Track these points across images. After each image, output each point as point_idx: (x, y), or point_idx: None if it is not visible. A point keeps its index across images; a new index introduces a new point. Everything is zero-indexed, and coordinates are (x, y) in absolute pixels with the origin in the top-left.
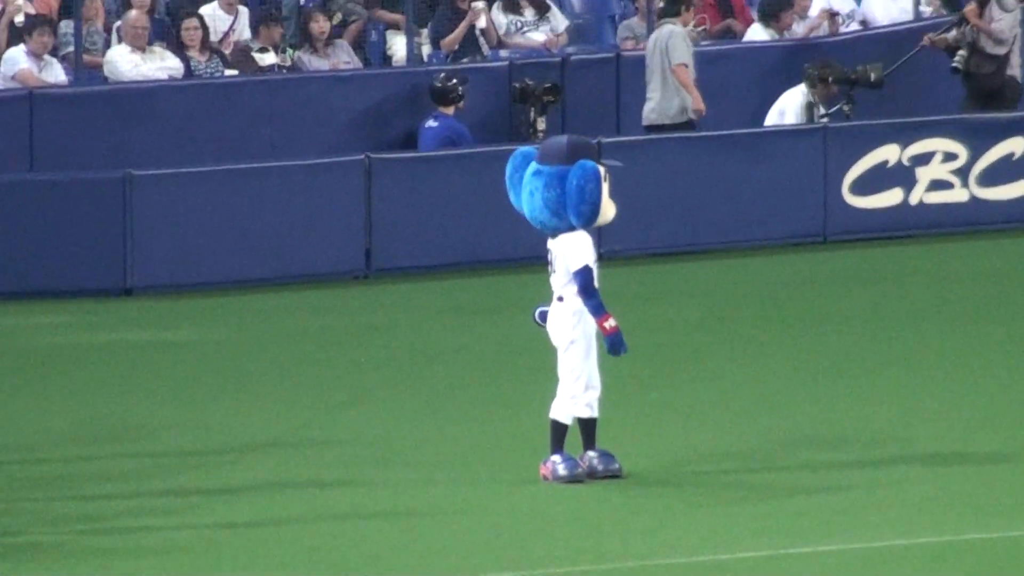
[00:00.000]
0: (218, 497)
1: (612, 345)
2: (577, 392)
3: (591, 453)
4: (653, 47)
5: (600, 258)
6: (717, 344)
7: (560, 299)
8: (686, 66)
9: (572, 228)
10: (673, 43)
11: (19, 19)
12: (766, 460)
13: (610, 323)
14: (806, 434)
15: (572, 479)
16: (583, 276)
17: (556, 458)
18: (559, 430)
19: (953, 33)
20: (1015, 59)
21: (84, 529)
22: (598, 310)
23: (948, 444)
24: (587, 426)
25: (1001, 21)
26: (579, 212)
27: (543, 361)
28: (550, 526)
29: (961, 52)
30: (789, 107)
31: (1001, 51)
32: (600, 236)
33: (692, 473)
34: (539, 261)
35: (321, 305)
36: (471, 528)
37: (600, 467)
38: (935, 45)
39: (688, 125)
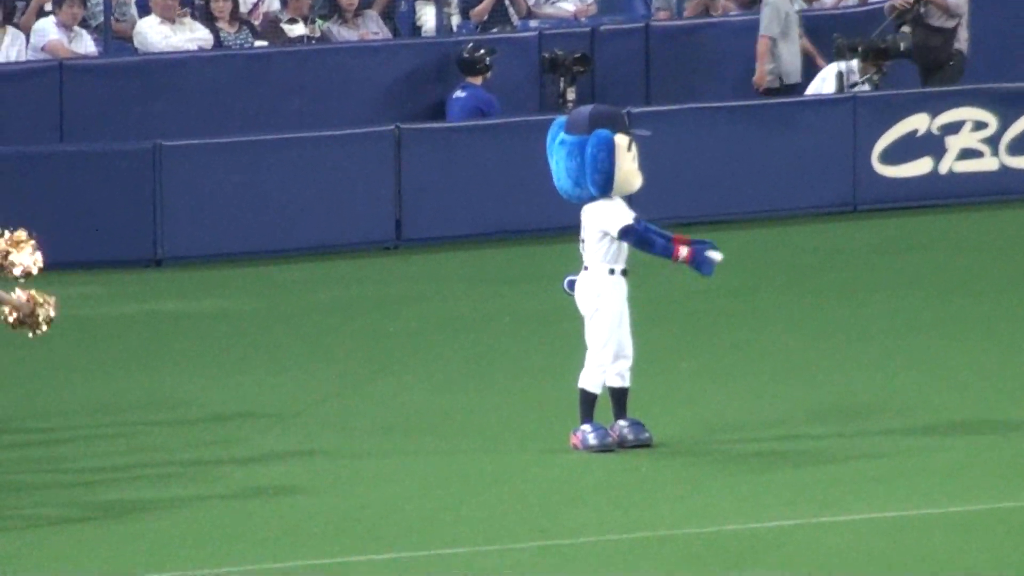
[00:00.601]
0: (248, 466)
1: (698, 269)
2: (605, 361)
3: (621, 423)
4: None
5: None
6: (747, 313)
7: (586, 268)
8: (769, 38)
9: (593, 197)
10: (764, 12)
11: None
12: (796, 429)
13: (682, 254)
14: (836, 403)
15: (602, 448)
16: (630, 236)
17: (586, 427)
18: (588, 399)
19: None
20: (963, 33)
21: (115, 498)
22: (666, 251)
23: (979, 413)
24: (618, 396)
25: None
26: (593, 181)
27: (572, 330)
28: (579, 495)
29: (904, 28)
30: (829, 76)
31: (950, 24)
32: (630, 205)
33: (722, 442)
34: (567, 231)
35: (351, 275)
36: (501, 497)
37: (630, 436)
38: (892, 11)
39: (790, 89)
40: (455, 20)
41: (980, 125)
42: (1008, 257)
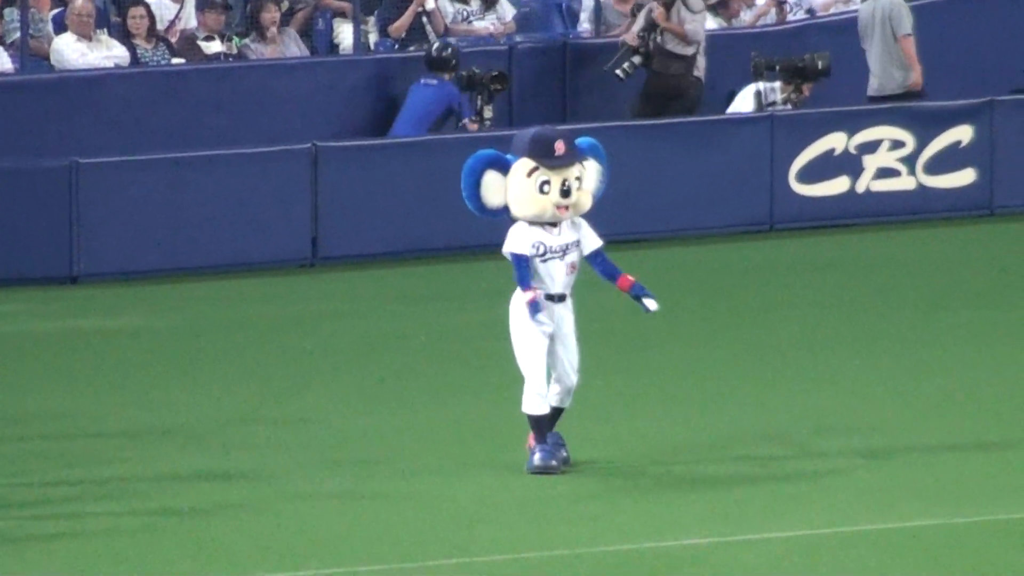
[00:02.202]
0: (164, 484)
1: (530, 312)
2: (531, 386)
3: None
4: (871, 17)
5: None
6: (664, 332)
7: None
8: (910, 36)
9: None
10: (897, 13)
11: None
12: (712, 448)
13: (526, 296)
14: (753, 422)
15: (539, 471)
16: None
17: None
18: (530, 422)
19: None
20: (700, 61)
21: (28, 515)
22: (521, 285)
23: (894, 431)
24: (530, 422)
25: (694, 22)
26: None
27: (488, 349)
28: (496, 512)
29: (633, 59)
30: (748, 95)
31: (689, 51)
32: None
33: (638, 461)
34: (483, 249)
35: (267, 293)
36: (417, 515)
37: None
38: (625, 47)
39: (914, 95)
40: (373, 38)
41: (897, 144)
42: (924, 276)
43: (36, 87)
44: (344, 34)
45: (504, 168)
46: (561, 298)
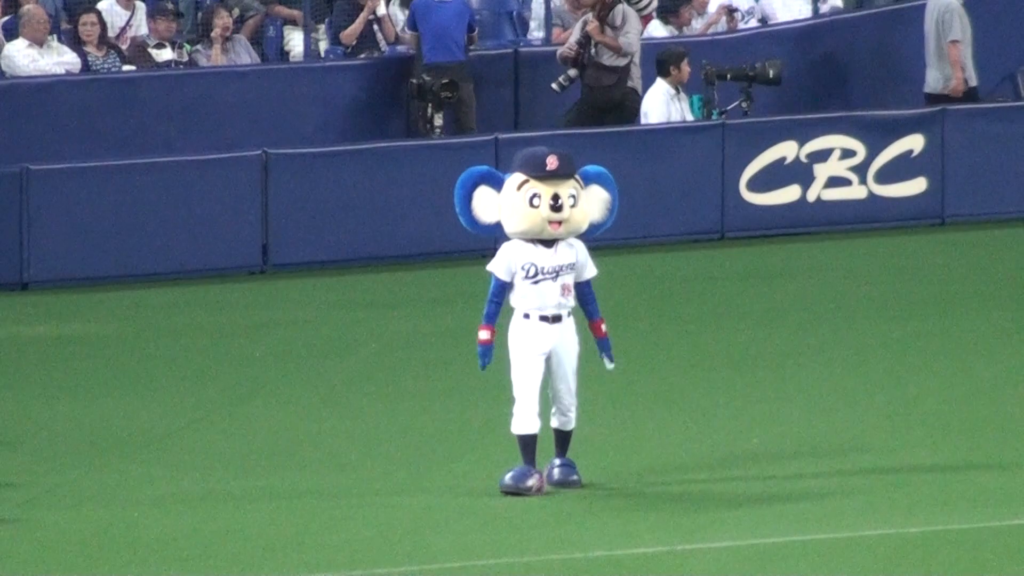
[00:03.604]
0: (112, 491)
1: (480, 356)
2: (519, 406)
3: (555, 461)
4: (930, 18)
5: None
6: (615, 339)
7: None
8: (957, 43)
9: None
10: (948, 18)
11: None
12: (661, 456)
13: (481, 335)
14: (701, 430)
15: (510, 490)
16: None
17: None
18: (517, 442)
19: (573, 45)
20: (635, 71)
21: None
22: (484, 319)
23: (845, 440)
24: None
25: (627, 35)
26: None
27: (438, 356)
28: (445, 520)
29: (569, 72)
30: (651, 108)
31: (621, 63)
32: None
33: (586, 470)
34: (434, 257)
35: (218, 300)
36: (366, 522)
37: (557, 477)
38: (563, 59)
39: (968, 97)
40: (323, 45)
41: (848, 153)
42: (876, 285)
43: None
44: (295, 41)
45: (497, 184)
46: (556, 319)
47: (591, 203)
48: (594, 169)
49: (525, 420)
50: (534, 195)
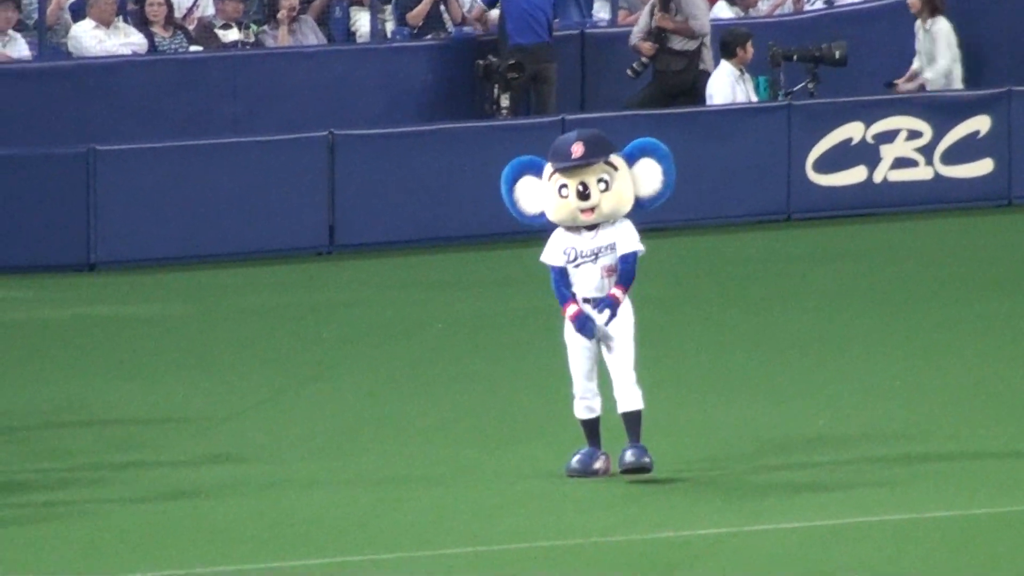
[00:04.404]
0: (178, 471)
1: (580, 330)
2: (575, 391)
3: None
4: None
5: None
6: (680, 322)
7: None
8: None
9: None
10: None
11: None
12: (728, 438)
13: (568, 312)
14: (768, 413)
15: (577, 473)
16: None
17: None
18: (582, 427)
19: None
20: (706, 54)
21: (43, 500)
22: (561, 300)
23: (911, 423)
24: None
25: (699, 18)
26: None
27: (505, 337)
28: (512, 501)
29: (641, 58)
30: (716, 90)
31: (691, 46)
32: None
33: (654, 451)
34: (500, 238)
35: (284, 281)
36: (433, 503)
37: (630, 459)
38: (636, 51)
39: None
40: (390, 26)
41: (915, 134)
42: (942, 267)
43: (54, 74)
44: (361, 22)
45: (539, 172)
46: (600, 301)
47: (639, 179)
48: (641, 142)
49: (583, 405)
50: (562, 186)
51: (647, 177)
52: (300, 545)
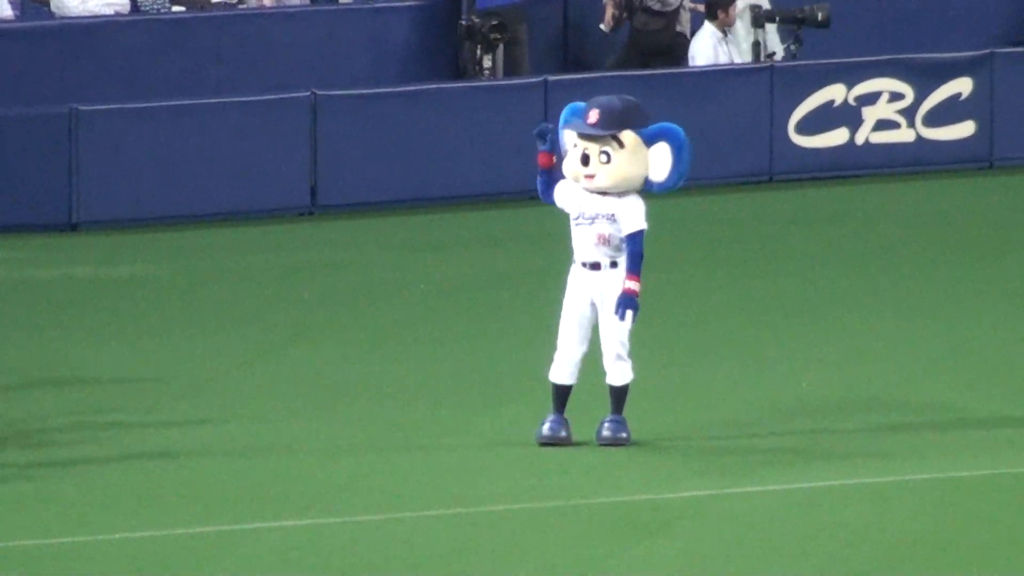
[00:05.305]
0: (161, 432)
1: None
2: (558, 353)
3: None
4: None
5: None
6: (662, 283)
7: None
8: None
9: None
10: None
11: None
12: (709, 401)
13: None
14: (750, 375)
15: (545, 441)
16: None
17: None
18: (552, 390)
19: None
20: (684, 16)
21: (24, 462)
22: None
23: (893, 385)
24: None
25: None
26: None
27: (487, 298)
28: (492, 463)
29: (613, 12)
30: (698, 51)
31: (670, 7)
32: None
33: (635, 413)
34: (481, 198)
35: (266, 242)
36: (414, 465)
37: (605, 433)
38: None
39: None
40: None
41: (897, 96)
42: (923, 229)
43: (36, 34)
44: None
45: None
46: (595, 266)
47: (651, 162)
48: (663, 126)
49: (559, 369)
50: (574, 145)
51: (658, 162)
52: (282, 507)
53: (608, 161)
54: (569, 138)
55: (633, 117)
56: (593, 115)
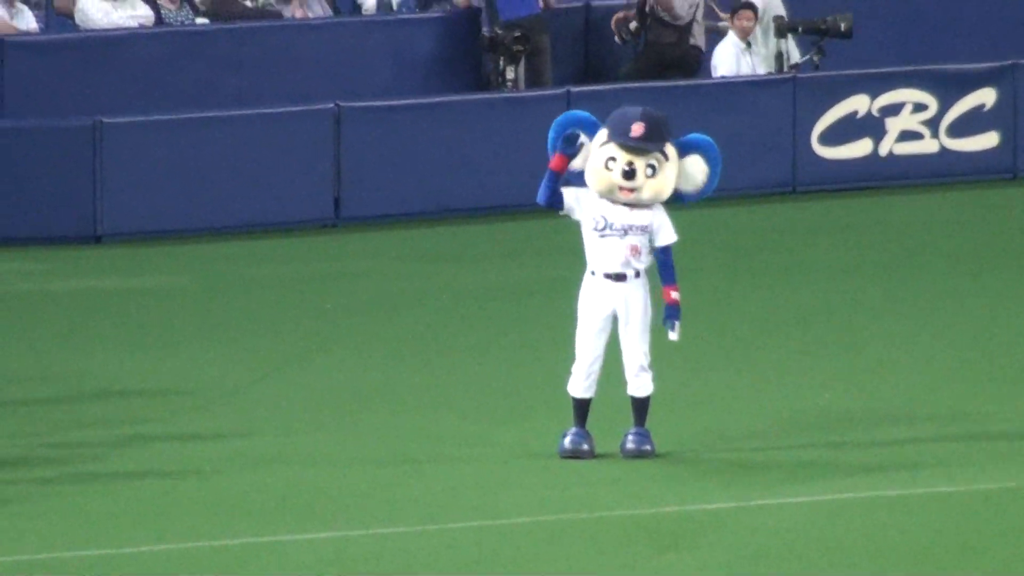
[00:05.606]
0: (185, 444)
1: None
2: (576, 367)
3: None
4: None
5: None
6: (685, 295)
7: None
8: None
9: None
10: None
11: None
12: (733, 412)
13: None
14: (773, 385)
15: (568, 454)
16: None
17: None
18: (573, 404)
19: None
20: (697, 28)
21: (50, 475)
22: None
23: (917, 397)
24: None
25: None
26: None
27: (507, 309)
28: (515, 475)
29: (630, 25)
30: (720, 62)
31: (681, 21)
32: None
33: (657, 424)
34: (504, 210)
35: (290, 253)
36: (437, 477)
37: (630, 446)
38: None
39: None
40: None
41: (920, 107)
42: (947, 240)
43: (60, 46)
44: None
45: (591, 131)
46: (620, 277)
47: (685, 173)
48: (697, 138)
49: (578, 382)
50: (610, 158)
51: (692, 173)
52: (305, 519)
53: (653, 175)
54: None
55: (669, 128)
56: (638, 128)
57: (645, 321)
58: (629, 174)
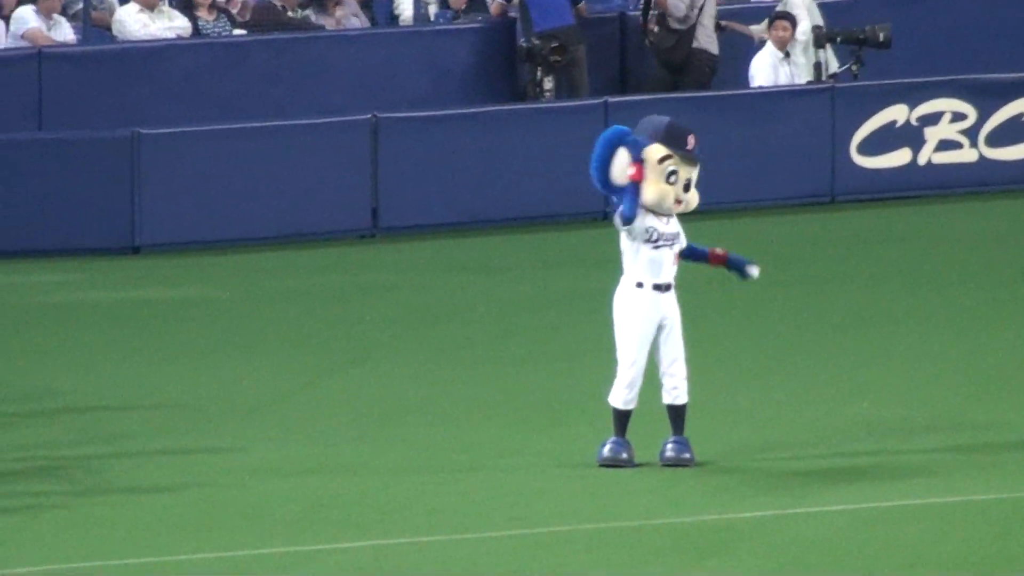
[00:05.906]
0: (223, 453)
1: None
2: (621, 379)
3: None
4: None
5: (604, 217)
6: (723, 304)
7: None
8: None
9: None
10: None
11: None
12: (771, 420)
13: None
14: (811, 394)
15: (607, 463)
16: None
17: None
18: (613, 414)
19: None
20: (701, 32)
21: (91, 484)
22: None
23: (956, 406)
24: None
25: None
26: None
27: (546, 320)
28: (553, 484)
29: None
30: (758, 71)
31: (683, 25)
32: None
33: (697, 433)
34: (542, 221)
35: (327, 264)
36: (475, 486)
37: (669, 455)
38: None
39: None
40: (432, 9)
41: (959, 116)
42: (985, 249)
43: (98, 58)
44: (404, 5)
45: (634, 148)
46: (667, 288)
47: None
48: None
49: (624, 394)
50: (673, 172)
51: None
52: (344, 528)
53: (691, 187)
54: (618, 160)
55: None
56: (692, 141)
57: (680, 332)
58: (687, 187)
